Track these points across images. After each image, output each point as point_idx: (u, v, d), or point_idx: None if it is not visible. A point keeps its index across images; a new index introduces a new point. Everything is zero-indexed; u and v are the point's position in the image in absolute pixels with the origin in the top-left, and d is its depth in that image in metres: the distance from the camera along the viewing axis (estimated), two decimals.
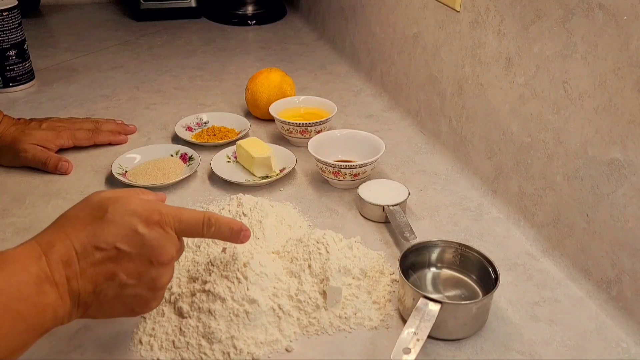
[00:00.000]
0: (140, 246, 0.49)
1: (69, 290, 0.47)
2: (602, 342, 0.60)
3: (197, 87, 1.20)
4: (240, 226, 0.57)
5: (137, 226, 0.49)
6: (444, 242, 0.67)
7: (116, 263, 0.49)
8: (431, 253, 0.67)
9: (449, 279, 0.66)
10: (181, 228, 0.53)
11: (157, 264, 0.50)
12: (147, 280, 0.50)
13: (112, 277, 0.49)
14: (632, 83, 0.58)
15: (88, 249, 0.48)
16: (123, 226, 0.49)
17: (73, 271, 0.47)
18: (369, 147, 0.86)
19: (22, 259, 0.47)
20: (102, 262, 0.48)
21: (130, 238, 0.49)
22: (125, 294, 0.50)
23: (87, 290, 0.48)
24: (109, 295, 0.50)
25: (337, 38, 1.37)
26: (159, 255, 0.50)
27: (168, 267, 0.52)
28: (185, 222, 0.53)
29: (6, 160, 0.88)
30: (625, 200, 0.61)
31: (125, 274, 0.49)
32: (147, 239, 0.50)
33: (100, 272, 0.48)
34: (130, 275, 0.50)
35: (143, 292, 0.51)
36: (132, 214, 0.50)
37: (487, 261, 0.64)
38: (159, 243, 0.50)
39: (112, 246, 0.48)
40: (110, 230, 0.49)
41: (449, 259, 0.67)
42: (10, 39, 1.11)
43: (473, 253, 0.65)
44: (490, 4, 0.79)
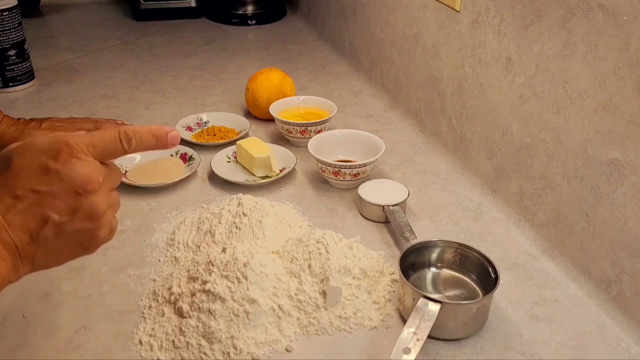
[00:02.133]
0: (58, 182, 0.47)
1: (2, 245, 0.46)
2: (602, 342, 0.60)
3: (197, 87, 1.20)
4: (165, 130, 0.53)
5: (48, 163, 0.47)
6: (444, 242, 0.67)
7: (41, 205, 0.47)
8: (431, 253, 0.67)
9: (449, 279, 0.66)
10: (97, 151, 0.50)
11: (84, 193, 0.48)
12: (82, 212, 0.48)
13: (44, 219, 0.47)
14: (632, 83, 0.59)
15: (7, 200, 0.47)
16: (33, 168, 0.47)
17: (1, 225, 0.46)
18: (369, 147, 0.86)
19: None
20: (27, 209, 0.47)
21: (44, 177, 0.47)
22: (65, 231, 0.48)
23: (23, 240, 0.47)
24: (50, 238, 0.48)
25: (337, 38, 1.37)
26: (82, 184, 0.48)
27: (99, 193, 0.49)
28: (100, 144, 0.50)
29: None
30: (625, 200, 0.61)
31: (56, 213, 0.47)
32: (62, 172, 0.47)
33: (28, 218, 0.47)
34: (62, 213, 0.48)
35: (83, 224, 0.49)
36: (38, 153, 0.48)
37: (487, 261, 0.64)
38: (77, 173, 0.48)
39: (29, 190, 0.47)
40: (22, 175, 0.47)
41: (449, 259, 0.67)
42: (10, 39, 1.11)
43: (473, 253, 0.65)
44: (490, 4, 0.79)
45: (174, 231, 0.74)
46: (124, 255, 0.71)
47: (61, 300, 0.64)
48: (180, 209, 0.80)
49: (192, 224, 0.74)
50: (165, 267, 0.69)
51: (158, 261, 0.70)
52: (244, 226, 0.70)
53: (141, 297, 0.65)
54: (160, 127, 0.54)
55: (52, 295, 0.65)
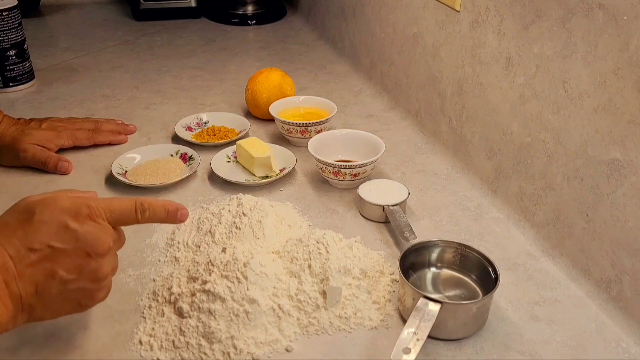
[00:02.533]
0: (74, 241, 0.50)
1: (9, 294, 0.47)
2: (602, 342, 0.60)
3: (197, 87, 1.20)
4: (175, 206, 0.57)
5: (68, 222, 0.50)
6: (444, 242, 0.67)
7: (53, 261, 0.49)
8: (431, 253, 0.67)
9: (449, 279, 0.66)
10: (114, 217, 0.53)
11: (94, 256, 0.51)
12: (87, 273, 0.51)
13: (52, 275, 0.49)
14: (632, 83, 0.58)
15: (22, 251, 0.48)
16: (53, 224, 0.49)
17: (10, 274, 0.48)
18: (369, 147, 0.86)
19: None
20: (39, 262, 0.49)
21: (62, 234, 0.49)
22: (68, 289, 0.50)
23: (29, 291, 0.49)
24: (53, 294, 0.50)
25: (337, 38, 1.37)
26: (94, 247, 0.50)
27: (107, 257, 0.52)
28: (117, 211, 0.53)
29: (6, 160, 0.88)
30: (625, 200, 0.61)
31: (64, 270, 0.49)
32: (80, 233, 0.50)
33: (38, 272, 0.49)
34: (70, 271, 0.50)
35: (86, 284, 0.51)
36: (60, 211, 0.50)
37: (487, 261, 0.64)
38: (93, 235, 0.50)
39: (46, 245, 0.49)
40: (41, 230, 0.49)
41: (449, 259, 0.67)
42: (10, 39, 1.11)
43: (473, 253, 0.65)
44: (490, 4, 0.79)
45: (174, 231, 0.74)
46: (124, 255, 0.71)
47: None
48: None
49: (192, 224, 0.74)
50: (165, 267, 0.69)
51: (158, 261, 0.70)
52: (244, 226, 0.70)
53: (141, 297, 0.65)
54: (172, 203, 0.57)
55: None
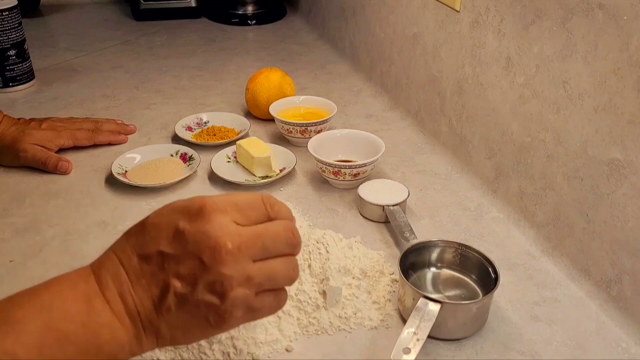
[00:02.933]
0: (184, 244, 0.42)
1: (125, 309, 0.42)
2: (602, 342, 0.60)
3: (197, 87, 1.20)
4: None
5: (179, 223, 0.43)
6: (443, 242, 0.67)
7: (164, 270, 0.43)
8: (431, 253, 0.67)
9: (448, 279, 0.66)
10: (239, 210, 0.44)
11: (210, 262, 0.42)
12: (205, 284, 0.42)
13: (166, 287, 0.43)
14: (632, 83, 0.58)
15: (133, 260, 0.43)
16: (164, 227, 0.43)
17: (125, 287, 0.42)
18: (369, 147, 0.86)
19: (70, 278, 0.43)
20: (151, 273, 0.43)
21: (172, 238, 0.43)
22: (188, 302, 0.42)
23: (147, 307, 0.43)
24: (173, 309, 0.43)
25: (337, 38, 1.37)
26: (206, 250, 0.42)
27: (228, 264, 0.42)
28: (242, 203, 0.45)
29: (6, 160, 0.88)
30: (625, 200, 0.61)
31: (177, 281, 0.42)
32: (189, 233, 0.42)
33: (152, 283, 0.43)
34: (184, 281, 0.42)
35: (206, 297, 0.42)
36: (172, 211, 0.44)
37: (487, 261, 0.64)
38: (205, 235, 0.42)
39: (155, 251, 0.43)
40: (151, 234, 0.43)
41: (449, 259, 0.67)
42: (10, 39, 1.11)
43: (473, 253, 0.65)
44: (490, 4, 0.79)
45: None
46: None
47: None
48: None
49: None
50: None
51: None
52: None
53: None
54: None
55: None
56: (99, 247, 0.72)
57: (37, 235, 0.74)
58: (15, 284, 0.66)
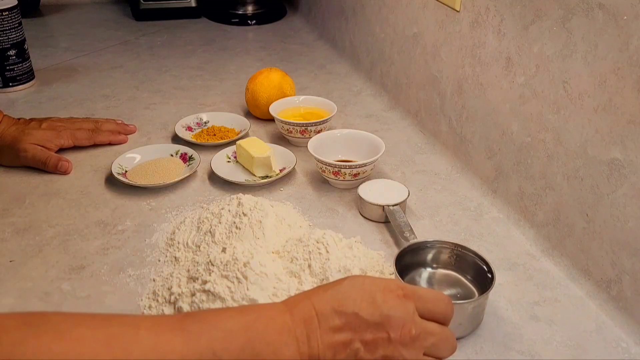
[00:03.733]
0: (378, 315, 0.47)
1: (308, 352, 0.45)
2: (602, 342, 0.60)
3: (197, 87, 1.20)
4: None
5: (376, 294, 0.47)
6: (439, 243, 0.67)
7: (354, 331, 0.46)
8: (427, 253, 0.67)
9: (444, 279, 0.66)
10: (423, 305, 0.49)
11: (394, 340, 0.47)
12: (382, 355, 0.47)
13: (350, 344, 0.46)
14: (632, 83, 0.58)
15: (328, 311, 0.46)
16: (363, 293, 0.47)
17: (314, 332, 0.46)
18: (369, 147, 0.86)
19: (269, 309, 0.47)
20: (341, 329, 0.46)
21: (369, 305, 0.47)
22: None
23: (327, 357, 0.46)
24: None
25: (337, 38, 1.37)
26: (396, 327, 0.47)
27: (408, 347, 0.47)
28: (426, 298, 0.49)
29: (6, 160, 0.88)
30: (625, 200, 0.61)
31: (361, 344, 0.46)
32: (385, 307, 0.47)
33: (339, 339, 0.46)
34: (367, 346, 0.46)
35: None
36: (371, 282, 0.49)
37: (482, 261, 0.64)
38: (397, 314, 0.47)
39: (352, 311, 0.46)
40: (351, 295, 0.47)
41: (445, 259, 0.67)
42: (10, 39, 1.11)
43: (468, 253, 0.65)
44: (490, 4, 0.79)
45: (174, 231, 0.74)
46: (124, 255, 0.71)
47: (61, 300, 0.64)
48: (180, 209, 0.80)
49: (192, 224, 0.74)
50: (165, 267, 0.69)
51: (158, 261, 0.70)
52: (244, 226, 0.70)
53: (141, 297, 0.65)
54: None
55: (52, 295, 0.65)
56: (99, 247, 0.72)
57: (37, 235, 0.74)
58: (16, 284, 0.66)
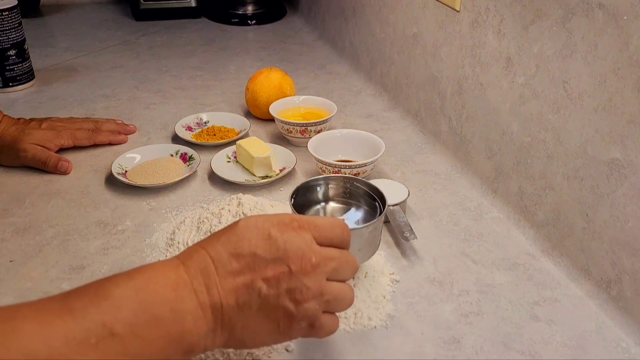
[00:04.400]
0: (275, 250, 0.46)
1: (209, 302, 0.45)
2: (602, 342, 0.60)
3: (197, 87, 1.20)
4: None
5: (271, 230, 0.47)
6: (331, 178, 0.69)
7: (253, 271, 0.46)
8: (321, 190, 0.69)
9: (340, 211, 0.69)
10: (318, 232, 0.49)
11: (296, 271, 0.47)
12: (286, 289, 0.46)
13: (251, 285, 0.46)
14: (632, 83, 0.59)
15: (224, 257, 0.46)
16: (257, 231, 0.47)
17: (212, 280, 0.45)
18: (369, 147, 0.86)
19: (160, 266, 0.46)
20: (240, 271, 0.46)
21: (265, 242, 0.47)
22: (268, 304, 0.46)
23: (230, 303, 0.45)
24: (253, 309, 0.46)
25: (337, 38, 1.38)
26: (294, 259, 0.47)
27: (310, 276, 0.47)
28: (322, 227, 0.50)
29: (6, 160, 0.88)
30: (625, 200, 0.61)
31: (263, 282, 0.46)
32: (281, 241, 0.47)
33: (240, 282, 0.46)
34: (269, 283, 0.46)
35: (284, 302, 0.46)
36: (264, 220, 0.48)
37: (372, 190, 0.67)
38: (294, 246, 0.47)
39: (249, 252, 0.46)
40: (245, 236, 0.47)
41: (339, 193, 0.69)
42: (10, 39, 1.11)
43: (360, 185, 0.68)
44: (490, 4, 0.79)
45: (174, 231, 0.74)
46: (124, 255, 0.71)
47: None
48: (180, 209, 0.80)
49: (192, 224, 0.74)
50: None
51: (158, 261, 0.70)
52: None
53: None
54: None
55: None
56: (99, 247, 0.72)
57: (37, 235, 0.74)
58: (16, 284, 0.66)
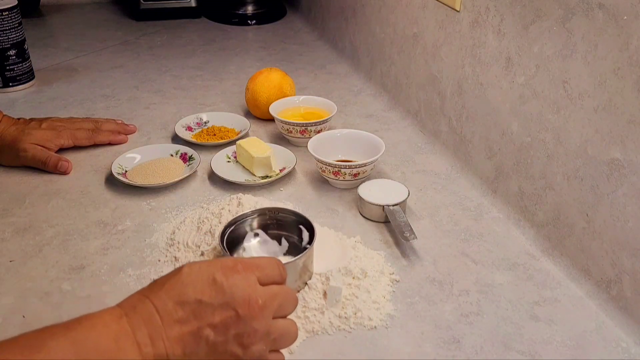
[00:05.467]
0: (221, 295, 0.46)
1: (153, 354, 0.44)
2: (602, 342, 0.60)
3: (197, 87, 1.20)
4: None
5: (215, 275, 0.47)
6: (256, 212, 0.69)
7: (200, 318, 0.46)
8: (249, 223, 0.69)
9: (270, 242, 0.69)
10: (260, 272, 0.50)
11: (243, 315, 0.47)
12: (234, 335, 0.46)
13: (198, 333, 0.45)
14: (632, 83, 0.59)
15: (169, 305, 0.45)
16: (201, 278, 0.47)
17: (157, 331, 0.44)
18: (369, 147, 0.86)
19: (102, 316, 0.45)
20: (186, 319, 0.45)
21: (210, 288, 0.46)
22: (214, 352, 0.46)
23: (176, 353, 0.45)
24: (200, 357, 0.46)
25: (337, 38, 1.37)
26: (242, 303, 0.47)
27: (257, 319, 0.47)
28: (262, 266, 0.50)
29: (6, 160, 0.88)
30: (625, 200, 0.61)
31: (211, 329, 0.46)
32: (227, 286, 0.47)
33: (186, 330, 0.45)
34: (217, 329, 0.46)
35: (232, 348, 0.46)
36: (208, 265, 0.48)
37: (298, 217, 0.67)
38: (240, 289, 0.47)
39: (194, 299, 0.46)
40: (190, 283, 0.46)
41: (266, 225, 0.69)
42: (10, 39, 1.11)
43: (286, 215, 0.69)
44: (490, 4, 0.79)
45: (174, 231, 0.74)
46: (124, 255, 0.71)
47: (61, 300, 0.64)
48: (180, 209, 0.80)
49: (192, 224, 0.74)
50: (165, 267, 0.69)
51: (158, 261, 0.70)
52: None
53: None
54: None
55: (52, 295, 0.65)
56: (99, 247, 0.72)
57: (37, 235, 0.74)
58: (16, 284, 0.66)
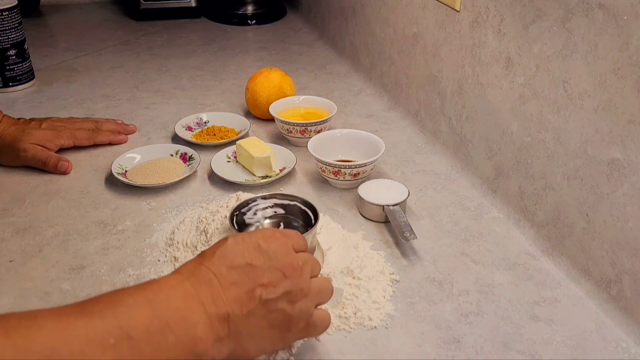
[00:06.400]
0: (267, 259, 0.50)
1: (216, 313, 0.47)
2: (602, 342, 0.60)
3: (197, 87, 1.20)
4: None
5: (259, 242, 0.51)
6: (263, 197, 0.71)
7: (252, 280, 0.49)
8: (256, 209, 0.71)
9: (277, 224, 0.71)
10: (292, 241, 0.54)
11: (288, 275, 0.51)
12: (283, 292, 0.50)
13: (253, 292, 0.49)
14: (632, 83, 0.59)
15: (223, 270, 0.49)
16: (247, 246, 0.51)
17: (217, 293, 0.48)
18: (369, 147, 0.86)
19: (168, 280, 0.48)
20: (240, 281, 0.49)
21: (257, 253, 0.50)
22: (269, 310, 0.49)
23: (236, 312, 0.48)
24: (257, 316, 0.49)
25: (337, 38, 1.37)
26: (286, 265, 0.51)
27: (300, 278, 0.51)
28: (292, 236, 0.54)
29: (6, 160, 0.88)
30: (625, 200, 0.61)
31: (262, 288, 0.49)
32: (270, 251, 0.51)
33: (242, 291, 0.48)
34: (267, 289, 0.49)
35: (282, 305, 0.50)
36: (249, 235, 0.52)
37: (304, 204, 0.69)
38: (281, 253, 0.51)
39: (244, 263, 0.49)
40: (237, 249, 0.50)
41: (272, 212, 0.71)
42: (10, 39, 1.11)
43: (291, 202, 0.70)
44: (490, 4, 0.79)
45: (174, 231, 0.74)
46: (124, 255, 0.71)
47: (61, 300, 0.64)
48: (180, 209, 0.80)
49: (192, 224, 0.74)
50: (165, 267, 0.69)
51: (158, 261, 0.70)
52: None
53: None
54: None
55: (52, 295, 0.65)
56: (99, 246, 0.72)
57: (37, 235, 0.74)
58: (16, 284, 0.66)
